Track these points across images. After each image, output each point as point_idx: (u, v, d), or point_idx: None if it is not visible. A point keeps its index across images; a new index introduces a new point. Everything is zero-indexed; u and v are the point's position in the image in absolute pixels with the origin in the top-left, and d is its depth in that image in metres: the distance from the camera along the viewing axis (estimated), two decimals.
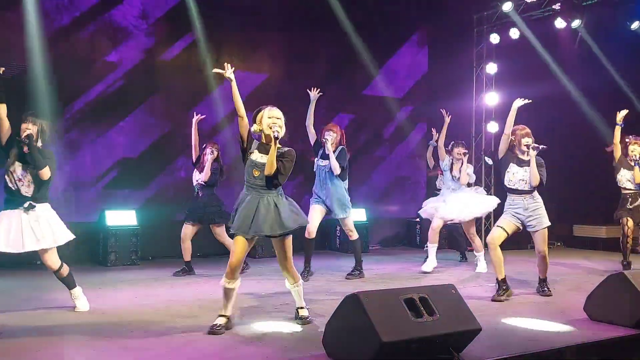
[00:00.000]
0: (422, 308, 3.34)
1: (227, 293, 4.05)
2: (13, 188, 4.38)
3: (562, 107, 9.88)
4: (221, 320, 4.01)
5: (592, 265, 7.69)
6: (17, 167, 4.40)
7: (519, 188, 5.38)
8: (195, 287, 5.84)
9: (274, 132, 3.96)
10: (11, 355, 3.41)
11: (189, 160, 7.75)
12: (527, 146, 5.37)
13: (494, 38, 9.85)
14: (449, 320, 3.37)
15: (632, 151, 6.69)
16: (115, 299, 5.15)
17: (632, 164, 6.66)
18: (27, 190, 4.40)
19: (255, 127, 4.12)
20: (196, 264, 6.86)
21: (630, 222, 6.84)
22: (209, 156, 6.48)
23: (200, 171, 6.55)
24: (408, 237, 10.17)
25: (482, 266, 7.05)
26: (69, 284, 4.62)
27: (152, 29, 8.16)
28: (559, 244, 10.48)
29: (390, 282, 6.25)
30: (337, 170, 6.19)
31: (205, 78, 8.50)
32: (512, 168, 5.39)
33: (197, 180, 6.57)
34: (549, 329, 4.18)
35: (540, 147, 5.38)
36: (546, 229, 5.47)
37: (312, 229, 6.21)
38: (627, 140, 6.80)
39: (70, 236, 4.54)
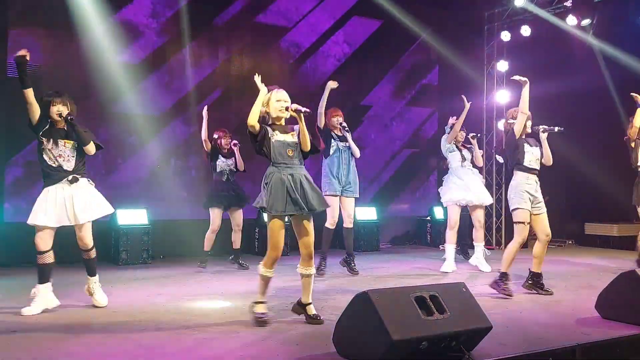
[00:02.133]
0: (432, 306, 3.34)
1: (268, 282, 4.16)
2: (54, 165, 4.51)
3: (573, 105, 9.83)
4: (264, 307, 4.14)
5: (604, 264, 7.64)
6: (58, 143, 4.53)
7: (536, 167, 5.42)
8: (206, 284, 5.87)
9: (302, 110, 4.08)
10: (25, 353, 3.45)
11: (200, 159, 7.83)
12: (534, 129, 5.46)
13: (505, 35, 9.80)
14: (460, 318, 3.36)
15: None
16: (127, 297, 5.19)
17: None
18: (68, 165, 4.56)
19: (265, 109, 4.18)
20: (208, 261, 6.90)
21: None
22: (232, 144, 6.79)
23: (225, 157, 6.77)
24: (418, 235, 10.17)
25: (483, 262, 6.97)
26: (93, 269, 4.74)
27: (162, 27, 8.20)
28: (570, 242, 10.44)
29: (401, 281, 6.25)
30: (358, 154, 6.50)
31: (216, 76, 8.56)
32: (527, 148, 5.42)
33: (229, 166, 6.80)
34: (560, 327, 4.17)
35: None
36: None
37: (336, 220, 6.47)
38: None
39: (111, 209, 4.81)
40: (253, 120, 4.06)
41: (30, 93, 4.44)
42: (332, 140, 6.44)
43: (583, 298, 5.19)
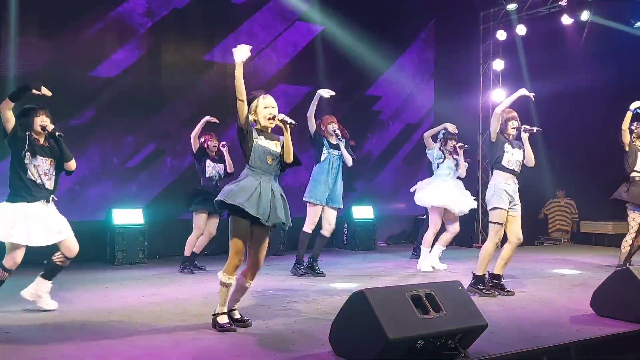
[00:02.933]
0: (428, 305, 3.35)
1: (228, 291, 4.01)
2: (37, 181, 4.37)
3: (568, 104, 9.86)
4: (226, 317, 4.01)
5: (599, 261, 7.68)
6: (42, 161, 4.40)
7: (515, 169, 5.37)
8: (203, 285, 5.87)
9: (289, 121, 4.00)
10: (18, 354, 3.44)
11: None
12: (516, 129, 5.39)
13: (501, 35, 9.83)
14: (456, 316, 3.38)
15: None
16: (122, 297, 5.18)
17: None
18: (49, 183, 4.45)
19: (250, 117, 4.10)
20: (202, 262, 6.89)
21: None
22: (224, 149, 6.71)
23: (214, 161, 6.73)
24: (415, 234, 10.15)
25: (437, 262, 6.95)
26: (54, 275, 4.55)
27: (158, 27, 8.18)
28: (565, 240, 10.48)
29: (397, 279, 6.26)
30: (351, 162, 6.40)
31: (212, 75, 8.54)
32: (508, 148, 5.35)
33: (219, 172, 6.73)
34: (555, 324, 4.18)
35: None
36: None
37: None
38: (631, 127, 6.69)
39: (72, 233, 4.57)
40: (242, 95, 3.97)
41: (11, 105, 4.28)
42: (324, 148, 6.36)
43: (578, 296, 5.21)
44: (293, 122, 4.05)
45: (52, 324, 4.16)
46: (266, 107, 4.09)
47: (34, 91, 4.32)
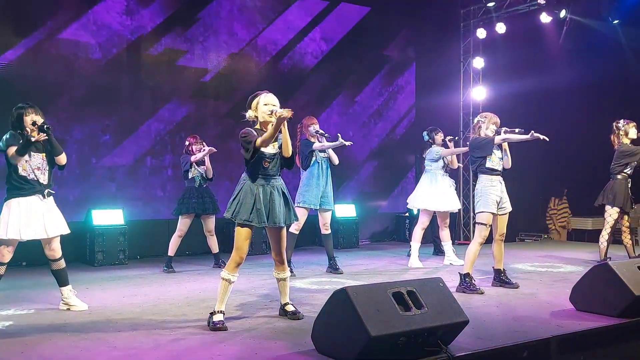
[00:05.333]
0: (410, 301, 3.35)
1: (229, 286, 4.06)
2: (29, 177, 4.42)
3: (547, 101, 9.96)
4: (222, 316, 4.02)
5: (578, 256, 7.77)
6: (34, 156, 4.46)
7: (499, 169, 5.45)
8: (184, 285, 5.82)
9: (284, 114, 3.90)
10: None
11: (176, 158, 7.79)
12: (500, 132, 5.43)
13: (481, 33, 9.90)
14: (437, 313, 3.38)
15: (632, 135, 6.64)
16: (103, 298, 5.11)
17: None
18: (44, 178, 4.49)
19: (250, 114, 4.16)
20: (184, 262, 6.85)
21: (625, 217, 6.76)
22: (205, 151, 6.58)
23: (197, 163, 6.69)
24: (397, 231, 10.22)
25: (454, 257, 7.14)
26: (65, 278, 4.64)
27: (137, 25, 8.09)
28: (546, 236, 10.59)
29: (379, 277, 6.27)
30: (337, 161, 6.48)
31: (191, 74, 8.48)
32: (494, 150, 5.44)
33: (200, 173, 6.70)
34: (536, 320, 4.21)
35: (517, 130, 5.47)
36: None
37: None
38: (618, 125, 6.67)
39: (68, 230, 4.67)
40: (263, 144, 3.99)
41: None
42: (313, 153, 6.39)
43: (558, 291, 5.26)
44: (289, 115, 3.99)
45: (30, 326, 4.09)
46: (266, 105, 4.12)
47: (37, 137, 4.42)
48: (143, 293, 5.36)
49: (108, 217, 7.41)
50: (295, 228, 6.34)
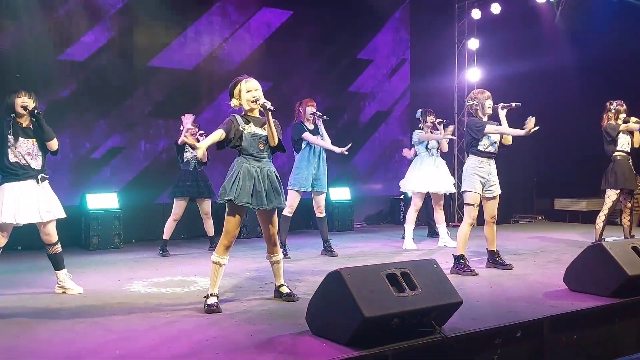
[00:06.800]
0: (404, 283, 3.36)
1: (220, 269, 4.08)
2: (22, 162, 4.43)
3: (542, 82, 9.94)
4: (215, 299, 4.05)
5: (573, 238, 7.81)
6: (23, 142, 4.46)
7: (491, 151, 5.44)
8: (179, 268, 5.83)
9: (268, 106, 3.96)
10: None
11: (171, 142, 7.75)
12: (494, 107, 5.43)
13: (476, 14, 9.84)
14: (431, 294, 3.39)
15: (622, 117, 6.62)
16: (98, 282, 5.11)
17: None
18: (36, 163, 4.50)
19: (234, 102, 4.14)
20: (180, 245, 6.85)
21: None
22: (199, 134, 6.52)
23: (191, 147, 6.58)
24: (391, 214, 10.24)
25: (448, 239, 7.18)
26: (61, 262, 4.66)
27: (128, 8, 8.00)
28: (540, 217, 10.64)
29: (373, 259, 6.29)
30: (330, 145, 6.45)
31: (184, 58, 8.41)
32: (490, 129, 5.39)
33: (195, 156, 6.64)
34: (529, 300, 4.24)
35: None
36: None
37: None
38: (612, 107, 6.63)
39: (64, 214, 4.69)
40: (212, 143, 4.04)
41: None
42: (305, 134, 6.37)
43: (552, 272, 5.29)
44: (272, 108, 4.01)
45: (24, 309, 4.09)
46: (249, 91, 4.09)
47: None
48: (138, 276, 5.37)
49: (103, 201, 7.39)
50: (288, 211, 6.35)
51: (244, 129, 4.05)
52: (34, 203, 4.43)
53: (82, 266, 5.86)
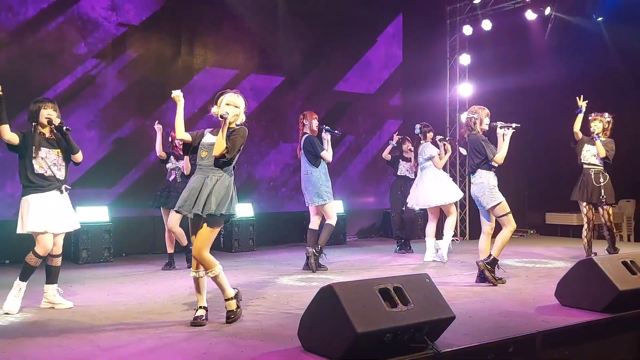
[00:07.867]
0: (396, 298, 3.35)
1: (200, 282, 4.10)
2: (47, 173, 4.46)
3: (533, 98, 10.02)
4: (202, 312, 4.04)
5: (564, 252, 7.82)
6: (49, 153, 4.50)
7: (496, 165, 5.57)
8: (169, 282, 5.78)
9: (223, 113, 3.99)
10: None
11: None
12: (495, 126, 5.56)
13: (467, 30, 9.92)
14: (423, 309, 3.38)
15: (593, 127, 6.76)
16: (87, 296, 5.06)
17: (594, 138, 6.63)
18: (60, 174, 4.55)
19: (214, 109, 4.17)
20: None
21: (591, 212, 6.77)
22: (158, 134, 6.55)
23: (177, 158, 6.63)
24: (384, 227, 10.23)
25: (432, 254, 7.16)
26: (56, 276, 4.67)
27: (122, 21, 8.00)
28: (532, 231, 10.66)
29: (366, 273, 6.27)
30: (330, 158, 6.55)
31: (178, 70, 8.42)
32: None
33: (180, 168, 6.61)
34: (522, 315, 4.24)
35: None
36: None
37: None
38: (589, 117, 6.83)
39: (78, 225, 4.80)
40: (180, 134, 4.09)
41: (6, 128, 4.34)
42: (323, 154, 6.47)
43: (543, 286, 5.29)
44: (225, 115, 3.98)
45: (13, 324, 4.04)
46: (228, 104, 4.12)
47: None
48: (128, 291, 5.31)
49: (93, 214, 7.33)
50: (334, 221, 6.45)
51: (204, 138, 4.12)
52: (61, 212, 4.50)
53: (71, 280, 5.79)
